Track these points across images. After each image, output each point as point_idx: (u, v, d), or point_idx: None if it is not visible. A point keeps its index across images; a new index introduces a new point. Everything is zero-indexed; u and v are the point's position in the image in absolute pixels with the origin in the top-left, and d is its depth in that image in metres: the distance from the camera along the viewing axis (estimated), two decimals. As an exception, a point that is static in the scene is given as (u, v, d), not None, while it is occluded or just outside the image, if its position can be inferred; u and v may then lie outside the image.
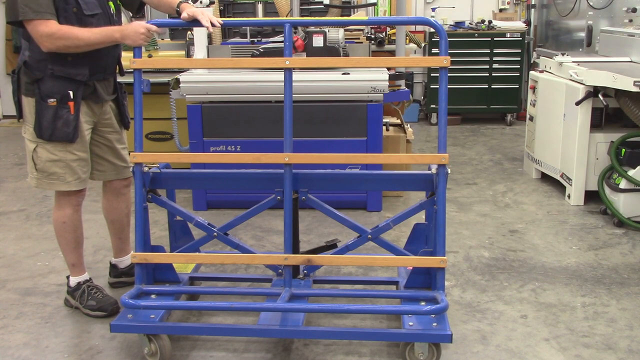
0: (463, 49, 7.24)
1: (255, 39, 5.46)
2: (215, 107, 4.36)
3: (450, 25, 7.50)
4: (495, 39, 7.26)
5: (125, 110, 3.12)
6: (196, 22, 2.73)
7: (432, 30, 6.44)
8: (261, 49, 4.45)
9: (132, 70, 2.64)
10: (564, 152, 4.67)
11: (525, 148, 5.49)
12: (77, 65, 2.76)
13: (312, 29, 4.46)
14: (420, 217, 3.05)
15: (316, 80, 4.23)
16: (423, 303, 2.61)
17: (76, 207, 2.99)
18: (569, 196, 4.62)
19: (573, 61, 4.72)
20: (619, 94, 4.21)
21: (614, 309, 3.05)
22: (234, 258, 2.95)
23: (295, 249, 2.76)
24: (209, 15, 2.73)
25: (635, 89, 3.86)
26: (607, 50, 5.12)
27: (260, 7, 6.66)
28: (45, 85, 2.75)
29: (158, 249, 2.83)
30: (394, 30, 6.44)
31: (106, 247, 3.71)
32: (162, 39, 6.41)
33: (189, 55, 5.49)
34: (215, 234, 2.84)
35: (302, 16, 5.71)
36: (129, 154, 2.78)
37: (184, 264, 3.08)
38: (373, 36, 5.80)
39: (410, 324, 2.51)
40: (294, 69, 2.58)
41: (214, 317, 2.98)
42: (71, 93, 2.77)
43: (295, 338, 2.77)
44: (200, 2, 3.83)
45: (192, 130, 4.39)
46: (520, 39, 7.26)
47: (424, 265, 2.67)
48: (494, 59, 7.30)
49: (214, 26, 2.71)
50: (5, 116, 8.14)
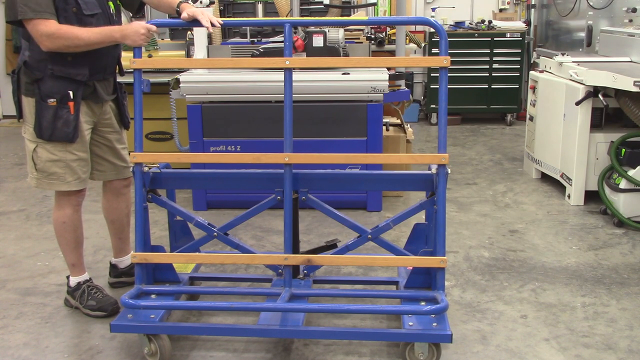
0: (463, 49, 7.23)
1: (255, 39, 5.46)
2: (215, 107, 4.36)
3: (450, 25, 7.50)
4: (495, 39, 7.26)
5: (125, 110, 3.12)
6: (196, 22, 2.74)
7: (432, 30, 6.44)
8: (261, 49, 4.45)
9: (132, 70, 2.64)
10: (564, 152, 4.67)
11: (525, 148, 5.49)
12: (77, 65, 2.76)
13: (312, 29, 4.46)
14: (420, 217, 3.05)
15: (316, 80, 4.23)
16: (423, 303, 2.61)
17: (76, 207, 2.99)
18: (569, 196, 4.62)
19: (573, 61, 4.72)
20: (619, 94, 4.21)
21: (614, 309, 3.05)
22: (234, 258, 2.95)
23: (295, 249, 2.76)
24: (209, 16, 2.73)
25: (635, 89, 3.86)
26: (607, 50, 5.12)
27: (260, 7, 6.66)
28: (45, 85, 2.75)
29: (158, 249, 2.83)
30: (394, 30, 6.43)
31: (106, 247, 3.71)
32: (162, 39, 6.41)
33: (189, 55, 5.49)
34: (215, 234, 2.84)
35: (302, 16, 5.71)
36: (129, 154, 2.78)
37: (184, 264, 3.08)
38: (373, 36, 5.80)
39: (410, 324, 2.51)
40: (294, 69, 2.58)
41: (214, 317, 2.98)
42: (71, 93, 2.77)
43: (295, 338, 2.76)
44: (200, 2, 3.83)
45: (192, 130, 4.39)
46: (520, 39, 7.26)
47: (424, 265, 2.67)
48: (494, 59, 7.30)
49: (213, 26, 2.71)
50: (5, 116, 8.14)
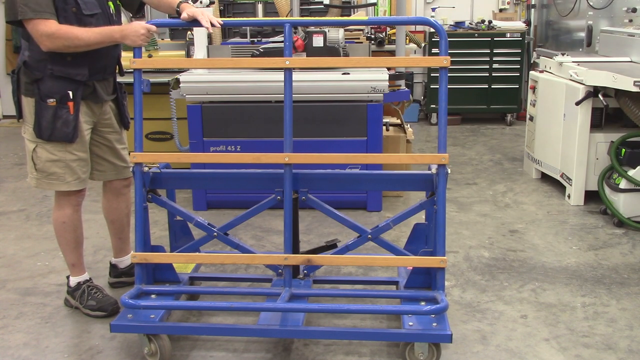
0: (463, 49, 7.23)
1: (255, 39, 5.46)
2: (215, 107, 4.36)
3: (450, 25, 7.50)
4: (495, 39, 7.26)
5: (125, 110, 3.11)
6: (196, 22, 2.73)
7: (432, 30, 6.45)
8: (261, 49, 4.45)
9: (132, 70, 2.64)
10: (564, 152, 4.67)
11: (525, 148, 5.49)
12: (77, 65, 2.76)
13: (312, 29, 4.46)
14: (420, 217, 3.05)
15: (316, 80, 4.23)
16: (423, 303, 2.61)
17: (76, 207, 2.99)
18: (569, 196, 4.62)
19: (573, 61, 4.72)
20: (619, 94, 4.21)
21: (614, 309, 3.05)
22: (234, 258, 2.95)
23: (295, 249, 2.76)
24: (209, 16, 2.73)
25: (635, 89, 3.86)
26: (607, 50, 5.11)
27: (260, 7, 6.66)
28: (45, 85, 2.75)
29: (158, 249, 2.83)
30: (394, 30, 6.43)
31: (106, 247, 3.71)
32: (162, 39, 6.41)
33: (189, 55, 5.49)
34: (215, 234, 2.84)
35: (302, 16, 5.71)
36: (129, 154, 2.78)
37: (184, 264, 3.08)
38: (373, 36, 5.80)
39: (410, 324, 2.51)
40: (294, 69, 2.58)
41: (214, 317, 2.98)
42: (71, 93, 2.77)
43: (295, 338, 2.76)
44: (200, 2, 3.83)
45: (192, 130, 4.39)
46: (520, 39, 7.26)
47: (424, 265, 2.67)
48: (494, 59, 7.30)
49: (213, 26, 2.71)
50: (5, 116, 8.14)
